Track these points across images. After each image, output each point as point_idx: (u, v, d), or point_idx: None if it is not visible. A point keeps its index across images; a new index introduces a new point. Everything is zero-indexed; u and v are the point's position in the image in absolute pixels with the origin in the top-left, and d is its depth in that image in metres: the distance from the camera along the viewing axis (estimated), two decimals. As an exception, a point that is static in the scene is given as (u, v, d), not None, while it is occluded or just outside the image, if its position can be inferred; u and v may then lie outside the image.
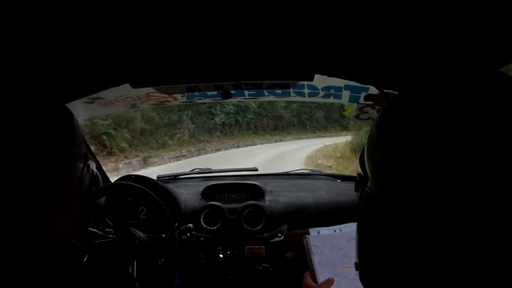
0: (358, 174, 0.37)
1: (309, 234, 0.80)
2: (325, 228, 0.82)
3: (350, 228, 0.82)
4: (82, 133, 0.51)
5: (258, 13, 0.54)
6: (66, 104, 0.54)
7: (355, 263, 0.39)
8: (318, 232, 0.81)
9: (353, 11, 0.52)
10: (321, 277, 0.72)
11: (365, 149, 0.35)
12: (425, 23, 0.53)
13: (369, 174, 0.34)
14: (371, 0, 0.49)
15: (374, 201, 0.32)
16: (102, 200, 1.12)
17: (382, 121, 0.33)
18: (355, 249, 0.79)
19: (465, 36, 0.55)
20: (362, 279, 0.37)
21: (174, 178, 1.58)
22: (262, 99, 1.48)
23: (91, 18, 0.53)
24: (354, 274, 0.75)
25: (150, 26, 0.58)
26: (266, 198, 1.29)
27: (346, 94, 1.23)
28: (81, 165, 0.51)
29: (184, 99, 1.39)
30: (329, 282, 0.71)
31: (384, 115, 0.33)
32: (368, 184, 0.34)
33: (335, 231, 0.81)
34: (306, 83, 1.18)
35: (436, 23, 0.53)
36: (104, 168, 1.51)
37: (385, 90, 0.82)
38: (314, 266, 0.74)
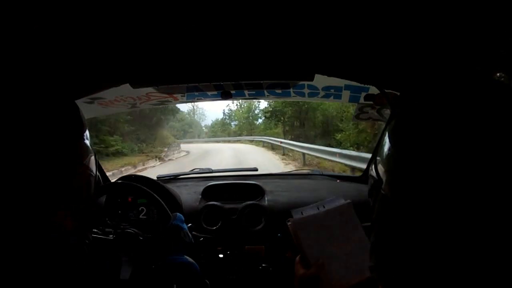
0: (372, 178, 0.37)
1: (292, 216, 0.76)
2: (308, 207, 0.77)
3: (333, 204, 0.78)
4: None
5: (258, 13, 0.54)
6: None
7: (370, 267, 0.39)
8: (302, 213, 0.76)
9: (353, 11, 0.52)
10: (312, 260, 0.71)
11: (379, 153, 0.36)
12: (425, 23, 0.53)
13: (383, 178, 0.34)
14: (371, 0, 0.49)
15: (391, 205, 0.32)
16: (102, 200, 1.12)
17: (398, 127, 0.34)
18: (339, 227, 0.77)
19: (465, 37, 0.55)
20: (381, 281, 0.37)
21: (174, 178, 1.58)
22: (262, 99, 1.48)
23: (91, 19, 0.53)
24: (344, 254, 0.72)
25: (150, 26, 0.58)
26: (266, 198, 1.29)
27: (346, 94, 1.23)
28: (93, 160, 0.51)
29: (184, 99, 1.39)
30: (318, 265, 0.69)
31: (400, 122, 0.34)
32: (383, 187, 0.34)
33: (318, 208, 0.77)
34: (306, 83, 1.18)
35: (436, 23, 0.53)
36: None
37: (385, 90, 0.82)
38: (303, 250, 0.72)
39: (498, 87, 0.30)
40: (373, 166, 0.37)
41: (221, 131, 33.28)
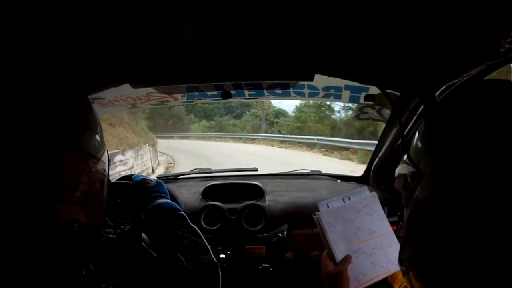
0: (413, 173, 0.38)
1: (318, 210, 0.74)
2: (334, 198, 0.76)
3: (358, 196, 0.77)
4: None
5: (258, 13, 0.54)
6: None
7: (399, 259, 0.39)
8: (327, 206, 0.75)
9: (353, 12, 0.52)
10: (340, 256, 0.70)
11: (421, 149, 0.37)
12: (425, 23, 0.53)
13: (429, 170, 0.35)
14: (371, 0, 0.49)
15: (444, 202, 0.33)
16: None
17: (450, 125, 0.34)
18: (365, 220, 0.77)
19: (465, 36, 0.55)
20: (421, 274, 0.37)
21: (174, 178, 1.59)
22: (262, 99, 1.47)
23: (91, 19, 0.53)
24: (371, 248, 0.73)
25: (150, 26, 0.58)
26: (266, 198, 1.29)
27: (346, 94, 1.23)
28: (106, 156, 0.51)
29: (184, 99, 1.39)
30: (347, 260, 0.69)
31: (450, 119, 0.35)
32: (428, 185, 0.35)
33: (344, 200, 0.76)
34: (306, 83, 1.18)
35: (436, 23, 0.53)
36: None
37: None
38: (331, 245, 0.71)
39: None
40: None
41: (316, 120, 14.10)
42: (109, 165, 0.54)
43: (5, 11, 0.46)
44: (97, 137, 0.49)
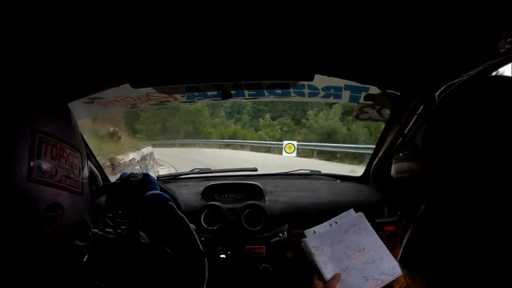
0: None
1: (305, 236, 0.79)
2: (320, 225, 0.81)
3: (345, 219, 0.82)
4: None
5: (258, 13, 0.54)
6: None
7: (400, 260, 0.38)
8: (314, 232, 0.80)
9: (353, 12, 0.52)
10: (329, 275, 0.73)
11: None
12: (425, 22, 0.53)
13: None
14: (371, 0, 0.49)
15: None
16: (102, 200, 1.11)
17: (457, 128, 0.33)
18: (354, 239, 0.79)
19: (465, 36, 0.55)
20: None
21: (174, 178, 1.59)
22: (262, 99, 1.47)
23: (91, 19, 0.53)
24: (361, 263, 0.75)
25: (150, 26, 0.58)
26: (266, 198, 1.29)
27: (346, 94, 1.23)
28: (84, 149, 0.53)
29: (184, 99, 1.39)
30: (336, 278, 0.71)
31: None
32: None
33: (330, 225, 0.81)
34: (306, 83, 1.18)
35: (436, 23, 0.53)
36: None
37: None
38: (319, 267, 0.74)
39: None
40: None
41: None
42: (88, 159, 0.57)
43: (5, 11, 0.46)
44: (75, 131, 0.52)
